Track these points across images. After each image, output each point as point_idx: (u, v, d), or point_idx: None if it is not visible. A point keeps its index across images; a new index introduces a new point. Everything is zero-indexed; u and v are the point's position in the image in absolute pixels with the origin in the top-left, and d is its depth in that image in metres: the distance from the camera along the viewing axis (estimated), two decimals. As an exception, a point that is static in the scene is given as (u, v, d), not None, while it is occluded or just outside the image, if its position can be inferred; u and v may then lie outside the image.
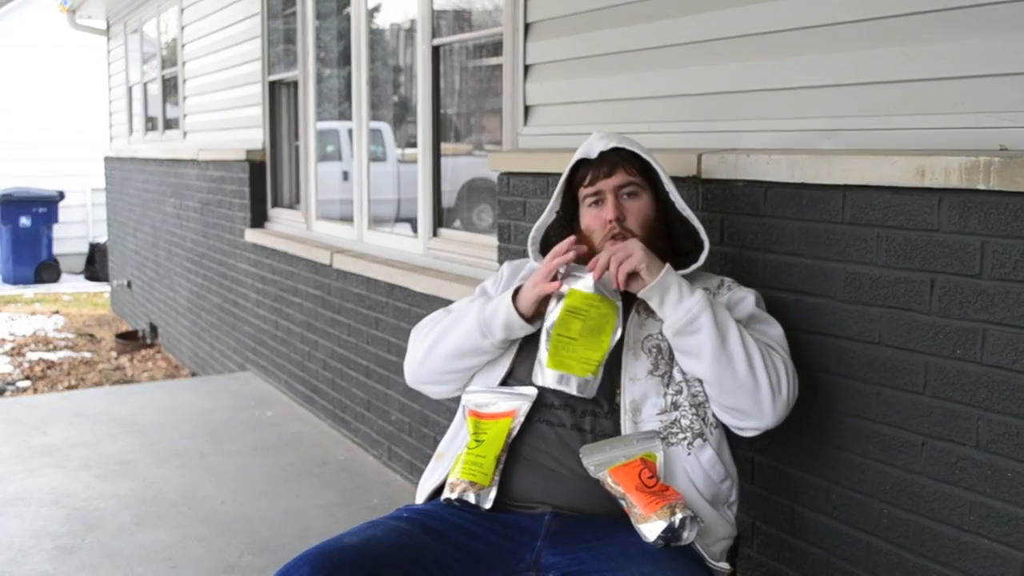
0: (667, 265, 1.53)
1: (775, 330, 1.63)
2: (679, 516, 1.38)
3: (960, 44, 1.52)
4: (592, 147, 1.67)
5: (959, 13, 1.52)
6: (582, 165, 1.69)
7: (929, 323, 1.50)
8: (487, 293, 1.82)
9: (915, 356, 1.52)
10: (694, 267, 1.64)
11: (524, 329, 1.61)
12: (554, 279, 1.55)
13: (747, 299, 1.64)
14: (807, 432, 1.72)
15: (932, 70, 1.56)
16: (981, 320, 1.42)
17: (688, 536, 1.39)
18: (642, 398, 1.54)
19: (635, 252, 1.51)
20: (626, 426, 1.53)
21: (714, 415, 1.57)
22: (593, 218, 1.66)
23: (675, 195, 1.65)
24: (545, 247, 1.78)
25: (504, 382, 1.64)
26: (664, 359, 1.57)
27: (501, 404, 1.59)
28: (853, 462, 1.65)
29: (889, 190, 1.54)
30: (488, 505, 1.50)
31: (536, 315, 1.59)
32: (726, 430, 1.59)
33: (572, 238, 1.59)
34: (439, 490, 1.60)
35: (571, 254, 1.55)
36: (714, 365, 1.49)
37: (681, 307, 1.50)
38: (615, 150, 1.66)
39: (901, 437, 1.56)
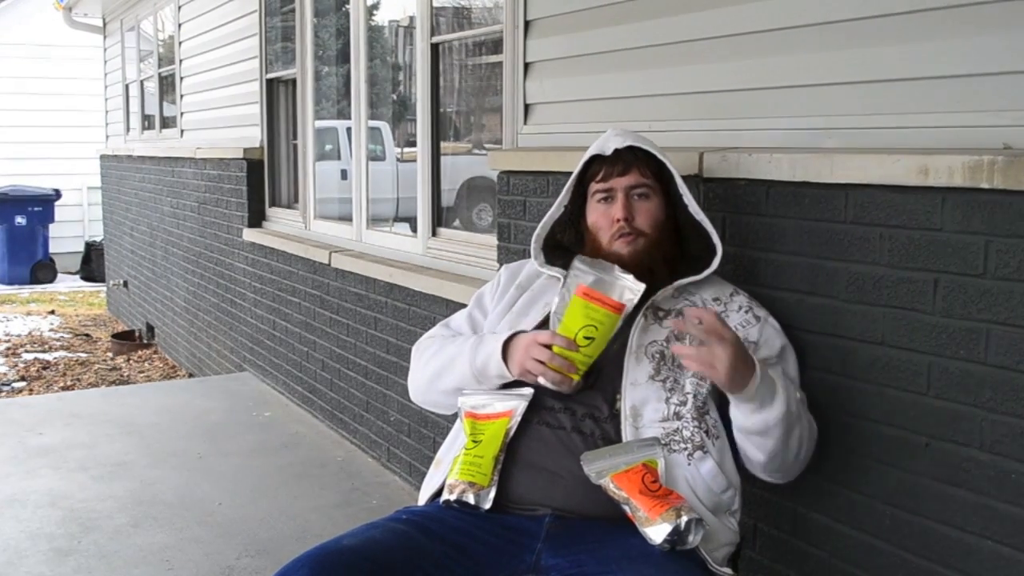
0: (755, 374, 1.43)
1: (795, 378, 1.64)
2: (685, 519, 1.37)
3: (962, 42, 1.51)
4: (607, 143, 1.66)
5: (961, 11, 1.51)
6: (595, 161, 1.68)
7: (932, 323, 1.49)
8: (483, 306, 1.82)
9: (918, 356, 1.51)
10: (707, 272, 1.63)
11: (509, 376, 1.60)
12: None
13: (774, 342, 1.61)
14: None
15: (934, 68, 1.55)
16: (985, 320, 1.41)
17: (694, 540, 1.38)
18: (642, 403, 1.53)
19: (720, 359, 1.41)
20: (627, 431, 1.52)
21: (716, 426, 1.56)
22: (601, 214, 1.65)
23: (688, 198, 1.64)
24: (549, 244, 1.76)
25: (503, 384, 1.63)
26: (667, 365, 1.55)
27: (497, 405, 1.58)
28: (856, 463, 1.64)
29: (892, 189, 1.53)
30: (487, 505, 1.49)
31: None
32: (730, 440, 1.59)
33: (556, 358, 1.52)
34: (439, 493, 1.59)
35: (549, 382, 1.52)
36: (770, 456, 1.52)
37: (758, 417, 1.47)
38: (630, 148, 1.65)
39: (904, 438, 1.55)
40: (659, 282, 1.62)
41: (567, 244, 1.76)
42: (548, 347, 1.52)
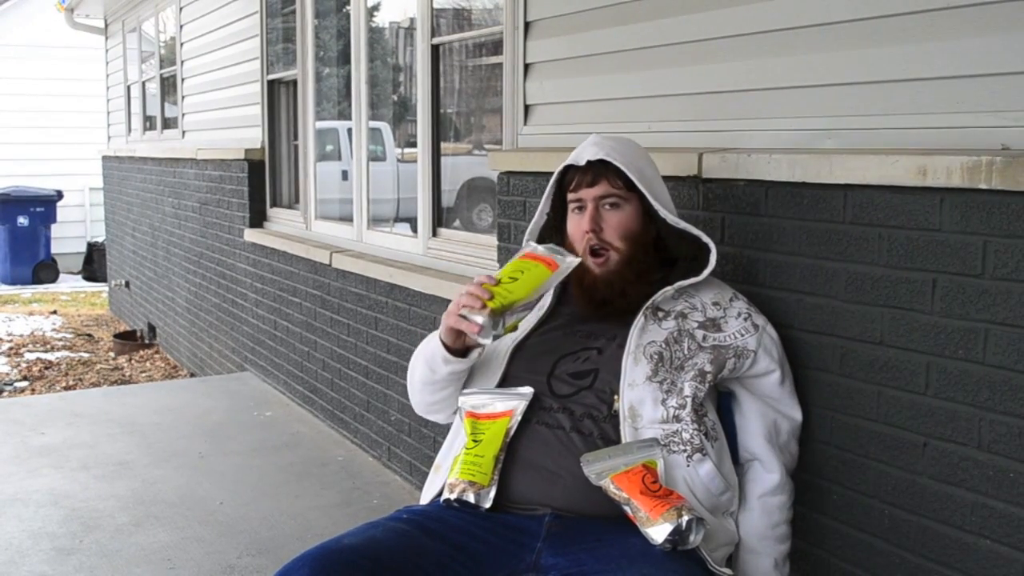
0: None
1: (795, 414, 1.67)
2: (686, 518, 1.38)
3: (961, 43, 1.51)
4: (582, 154, 1.67)
5: (960, 12, 1.51)
6: (571, 169, 1.70)
7: (931, 323, 1.49)
8: None
9: (917, 356, 1.52)
10: (706, 272, 1.63)
11: (458, 362, 1.62)
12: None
13: (773, 375, 1.63)
14: (808, 433, 1.72)
15: (933, 69, 1.56)
16: (983, 320, 1.42)
17: (695, 539, 1.39)
18: (639, 403, 1.53)
19: None
20: (626, 432, 1.52)
21: (714, 428, 1.57)
22: (575, 226, 1.68)
23: (664, 212, 1.64)
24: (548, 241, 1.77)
25: (500, 386, 1.64)
26: (665, 367, 1.56)
27: (497, 404, 1.58)
28: (854, 462, 1.64)
29: (890, 189, 1.54)
30: (488, 504, 1.50)
31: (463, 348, 1.60)
32: (729, 441, 1.60)
33: (484, 276, 1.57)
34: (439, 495, 1.60)
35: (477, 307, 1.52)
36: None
37: None
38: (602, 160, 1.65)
39: (903, 438, 1.56)
40: (632, 298, 1.62)
41: None
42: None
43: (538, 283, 1.55)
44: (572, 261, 1.58)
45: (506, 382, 1.64)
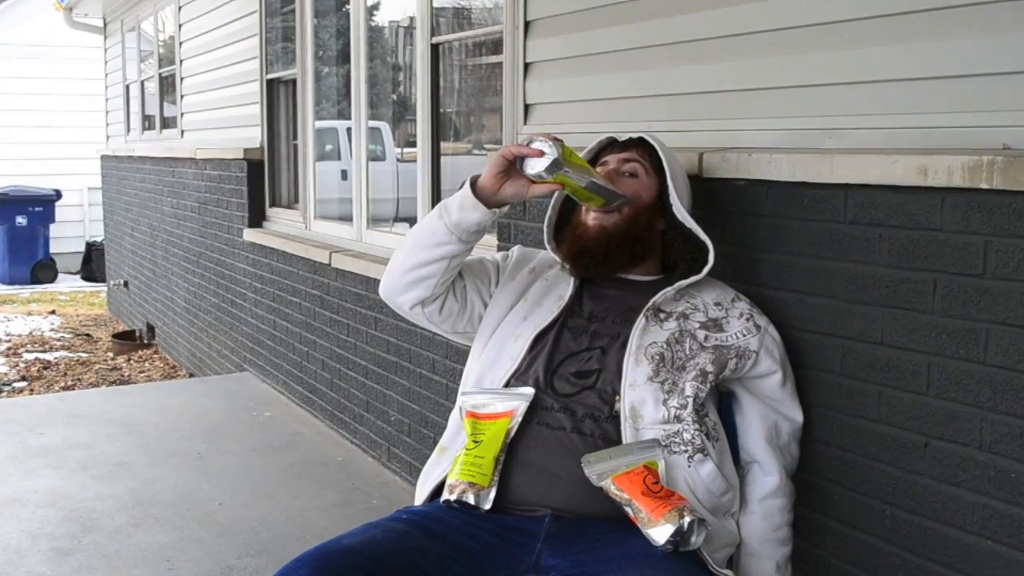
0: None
1: (796, 416, 1.67)
2: (688, 519, 1.38)
3: (962, 42, 1.51)
4: (626, 134, 1.74)
5: (961, 11, 1.51)
6: (610, 147, 1.75)
7: (932, 323, 1.49)
8: (497, 261, 1.83)
9: (918, 356, 1.52)
10: (706, 270, 1.63)
11: (475, 208, 1.58)
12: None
13: (775, 376, 1.63)
14: (808, 433, 1.71)
15: (934, 69, 1.55)
16: (984, 320, 1.42)
17: (697, 540, 1.38)
18: (640, 404, 1.53)
19: None
20: (627, 433, 1.52)
21: (715, 428, 1.57)
22: None
23: (674, 198, 1.65)
24: (559, 233, 1.76)
25: (508, 383, 1.63)
26: (666, 367, 1.56)
27: (498, 405, 1.58)
28: (855, 463, 1.64)
29: (891, 189, 1.53)
30: (488, 506, 1.49)
31: (495, 198, 1.57)
32: (730, 441, 1.59)
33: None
34: (439, 490, 1.59)
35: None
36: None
37: None
38: (642, 139, 1.71)
39: (903, 438, 1.55)
40: (612, 262, 1.64)
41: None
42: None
43: (593, 171, 1.60)
44: (624, 195, 1.62)
45: (517, 373, 1.63)
